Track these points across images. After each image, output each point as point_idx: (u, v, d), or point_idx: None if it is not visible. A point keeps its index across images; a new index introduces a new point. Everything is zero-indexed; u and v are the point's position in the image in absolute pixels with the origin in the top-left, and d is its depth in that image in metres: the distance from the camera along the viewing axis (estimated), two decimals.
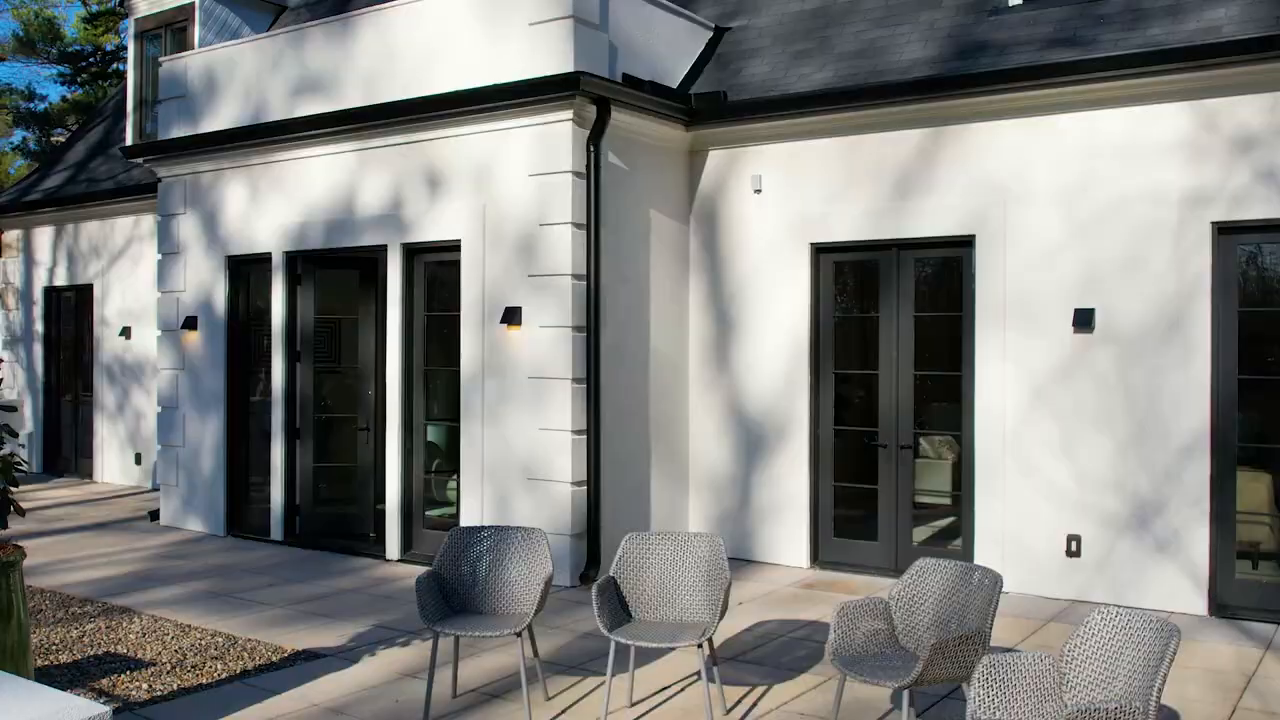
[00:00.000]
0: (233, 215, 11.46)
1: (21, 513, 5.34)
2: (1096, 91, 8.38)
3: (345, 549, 10.55)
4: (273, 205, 11.10)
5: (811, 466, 9.75)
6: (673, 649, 5.59)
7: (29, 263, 16.86)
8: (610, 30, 9.50)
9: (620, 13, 9.68)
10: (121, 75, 31.80)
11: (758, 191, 9.99)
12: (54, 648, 7.27)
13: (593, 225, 9.12)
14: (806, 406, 9.74)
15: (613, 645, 5.76)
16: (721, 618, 5.77)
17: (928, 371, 9.40)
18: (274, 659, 7.08)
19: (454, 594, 6.29)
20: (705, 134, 10.18)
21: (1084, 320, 8.44)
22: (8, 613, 5.03)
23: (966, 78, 8.70)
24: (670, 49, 10.39)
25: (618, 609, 6.00)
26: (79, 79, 42.44)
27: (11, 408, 13.06)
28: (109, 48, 39.15)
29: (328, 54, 10.67)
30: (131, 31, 15.60)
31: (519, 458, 9.33)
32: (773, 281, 9.95)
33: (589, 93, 8.87)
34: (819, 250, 9.78)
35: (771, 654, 7.14)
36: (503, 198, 9.42)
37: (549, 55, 9.10)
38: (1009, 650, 7.12)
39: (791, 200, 9.84)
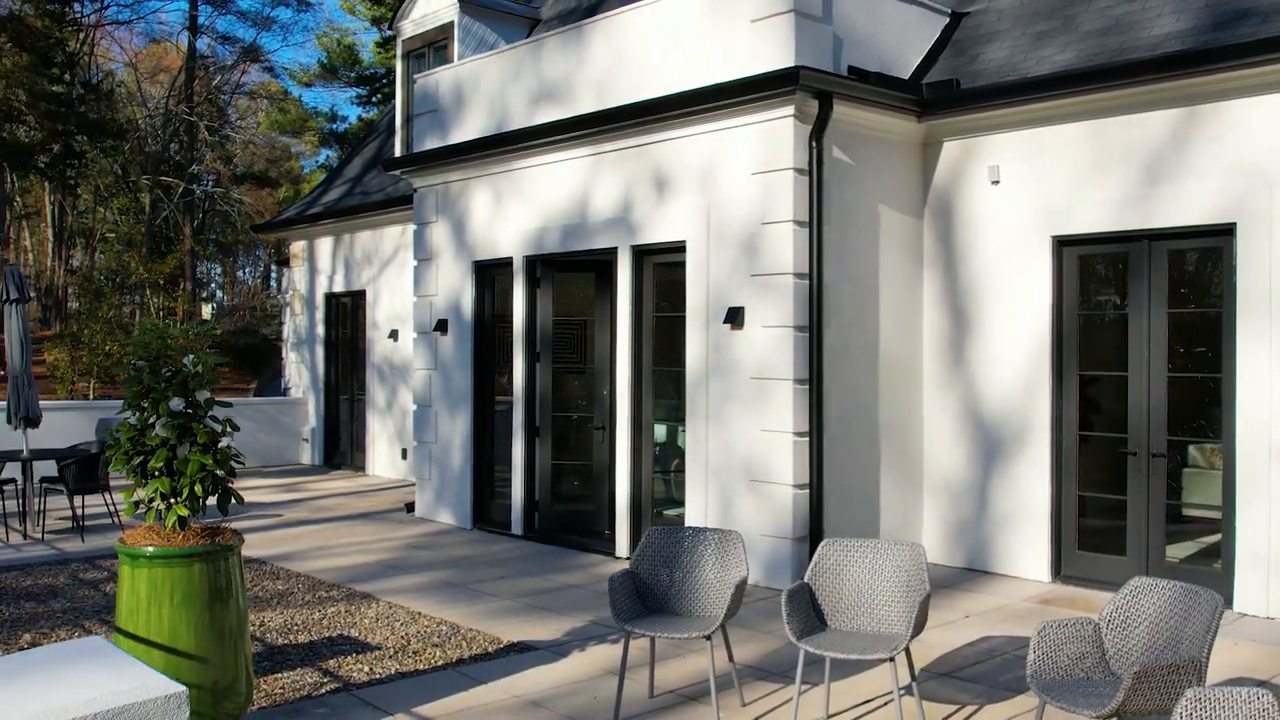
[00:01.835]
0: (478, 222, 11.95)
1: (241, 501, 5.73)
2: None
3: (580, 545, 10.78)
4: (513, 211, 11.50)
5: (1053, 474, 9.15)
6: (875, 660, 5.33)
7: (312, 271, 18.23)
8: (835, 22, 9.26)
9: (846, 4, 9.42)
10: None
11: (995, 183, 9.48)
12: (296, 628, 7.78)
13: (815, 222, 8.90)
14: (1048, 409, 9.14)
15: (801, 654, 5.59)
16: (919, 631, 5.48)
17: (1182, 373, 8.62)
18: (489, 649, 7.30)
19: (649, 594, 6.29)
20: (939, 124, 9.75)
21: None
22: (226, 594, 5.41)
23: (1225, 50, 7.90)
24: (901, 38, 10.02)
25: (810, 617, 5.81)
26: (373, 99, 45.65)
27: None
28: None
29: (563, 62, 10.95)
30: (399, 52, 16.58)
31: (741, 459, 9.24)
32: (1011, 277, 9.41)
33: (809, 87, 8.67)
34: (1061, 243, 9.16)
35: (989, 672, 6.73)
36: (726, 197, 9.37)
37: (771, 51, 8.97)
38: (1250, 684, 6.41)
39: (1031, 191, 9.27)
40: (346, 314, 17.73)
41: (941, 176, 9.89)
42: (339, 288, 17.63)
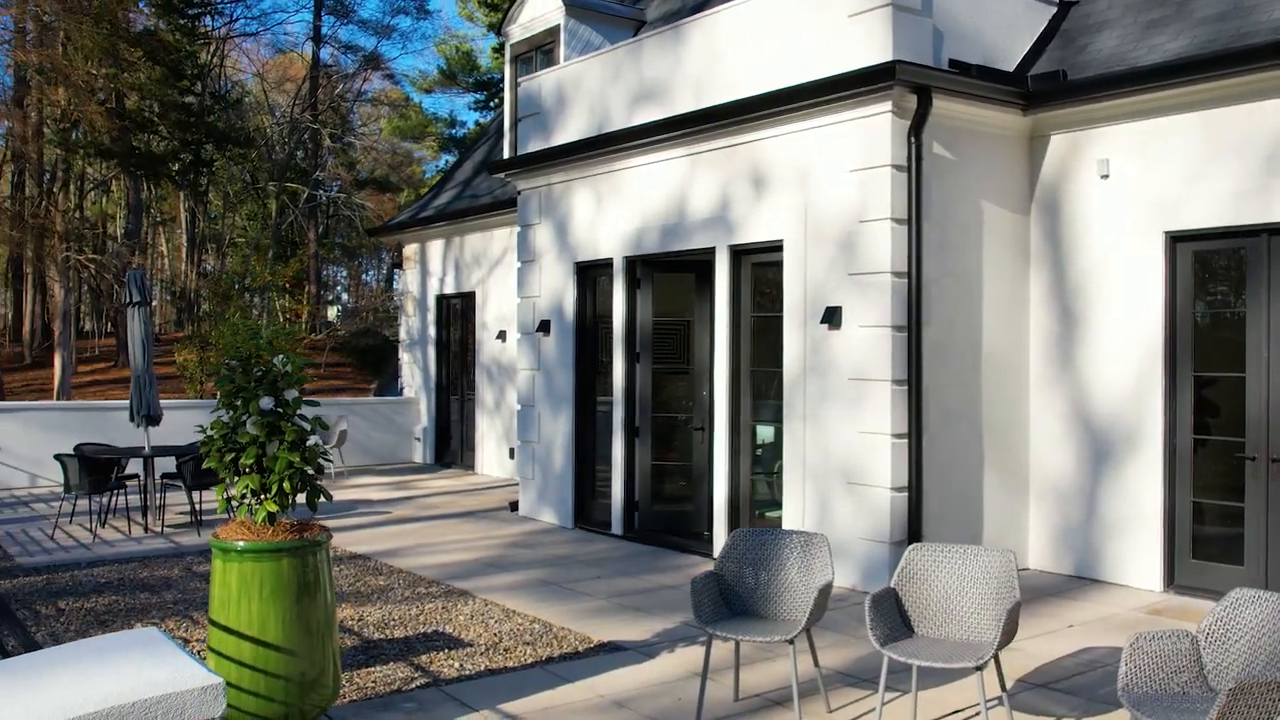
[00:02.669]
0: (579, 223, 12.03)
1: (329, 499, 5.85)
2: None
3: (679, 546, 10.75)
4: (613, 212, 11.54)
5: (1166, 478, 8.79)
6: (961, 669, 5.16)
7: (424, 273, 18.59)
8: (935, 15, 9.06)
9: None
10: None
11: (1105, 176, 9.15)
12: (393, 623, 7.92)
13: (914, 220, 8.72)
14: (1160, 411, 8.79)
15: (885, 661, 5.47)
16: (1008, 640, 5.30)
17: None
18: (579, 648, 7.33)
19: (734, 596, 6.23)
20: (1045, 117, 9.46)
21: None
22: (314, 589, 5.53)
23: None
24: (1006, 30, 9.74)
25: (896, 623, 5.68)
26: (490, 104, 46.37)
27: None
28: None
29: (661, 63, 10.94)
30: (507, 57, 16.80)
31: (839, 460, 9.10)
32: (1122, 273, 9.07)
33: (907, 82, 8.50)
34: (1174, 239, 8.79)
35: (1088, 685, 6.49)
36: (823, 195, 9.24)
37: (869, 46, 8.82)
38: None
39: (1143, 184, 8.92)
40: (457, 315, 18.03)
41: (1048, 171, 9.59)
42: (449, 289, 17.94)
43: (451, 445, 18.07)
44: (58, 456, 11.46)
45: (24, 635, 3.26)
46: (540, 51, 16.07)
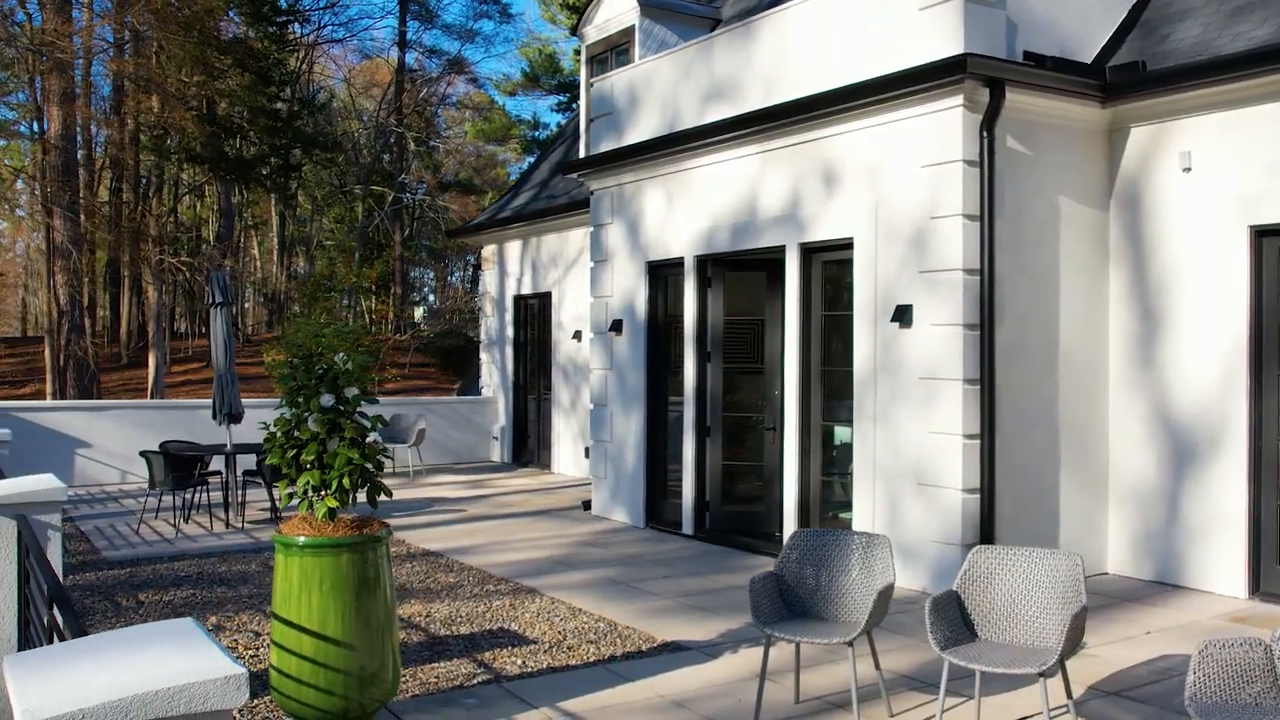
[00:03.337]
0: (650, 223, 12.02)
1: (389, 495, 5.91)
2: None
3: (749, 547, 10.67)
4: (684, 211, 11.51)
5: (1251, 482, 8.48)
6: (1024, 675, 5.02)
7: (501, 274, 18.76)
8: (1010, 7, 8.87)
9: None
10: None
11: (1186, 170, 8.87)
12: (460, 620, 7.99)
13: (987, 216, 8.55)
14: (1245, 412, 8.49)
15: (945, 665, 5.36)
16: (1073, 646, 5.16)
17: None
18: (642, 647, 7.31)
19: (794, 597, 6.16)
20: (1124, 110, 9.20)
21: None
22: (374, 584, 5.59)
23: None
24: (1083, 20, 9.51)
25: (959, 626, 5.57)
26: (572, 106, 46.63)
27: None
28: None
29: (732, 60, 10.89)
30: (583, 57, 16.86)
31: (910, 461, 8.96)
32: (1205, 270, 8.78)
33: (979, 75, 8.33)
34: (1260, 233, 8.48)
35: (1162, 694, 6.28)
36: (893, 192, 9.10)
37: (940, 40, 8.67)
38: None
39: (1227, 178, 8.63)
40: (533, 315, 18.16)
41: (1128, 165, 9.33)
42: (526, 290, 18.07)
43: (528, 444, 18.19)
44: (143, 453, 11.79)
45: (77, 625, 3.33)
46: (616, 52, 16.10)
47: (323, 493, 5.60)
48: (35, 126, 24.97)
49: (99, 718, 2.29)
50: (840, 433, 10.10)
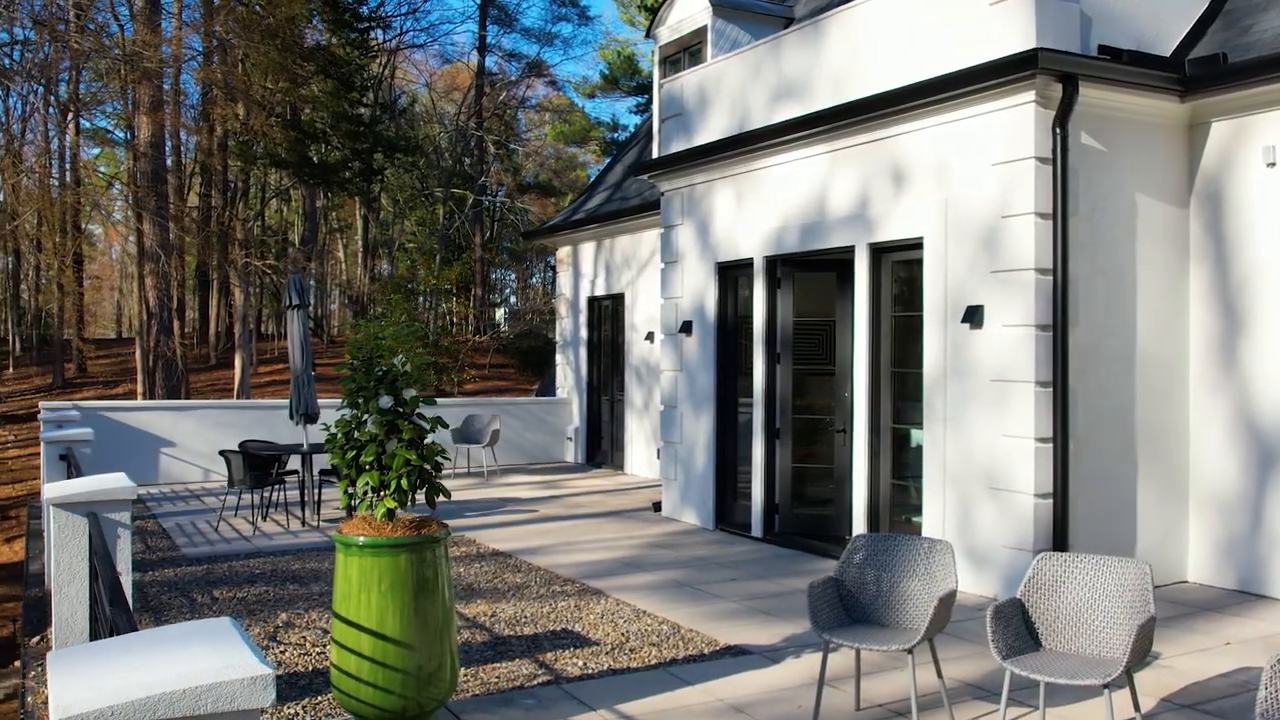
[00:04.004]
0: (720, 223, 11.97)
1: (448, 496, 5.95)
2: None
3: (819, 550, 10.57)
4: (753, 211, 11.44)
5: None
6: (1089, 686, 4.86)
7: (576, 275, 18.84)
8: (1084, 0, 8.66)
9: None
10: None
11: (1271, 165, 8.58)
12: (524, 620, 8.03)
13: (1060, 214, 8.35)
14: None
15: (1007, 675, 5.24)
16: (1139, 658, 5.01)
17: None
18: (704, 650, 7.27)
19: (854, 603, 6.08)
20: (1205, 104, 8.93)
21: None
22: (432, 585, 5.63)
23: None
24: (1161, 12, 9.24)
25: (1022, 635, 5.44)
26: (650, 107, 46.69)
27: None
28: None
29: (800, 59, 10.80)
30: (656, 58, 16.86)
31: (980, 465, 8.79)
32: None
33: (1051, 70, 8.15)
34: None
35: (1238, 708, 6.07)
36: (964, 190, 8.94)
37: (1012, 34, 8.49)
38: None
39: None
40: (607, 316, 18.21)
41: (1209, 161, 9.05)
42: (600, 291, 18.13)
43: (602, 445, 18.25)
44: (222, 452, 12.05)
45: (126, 622, 3.41)
46: (688, 53, 16.07)
47: (381, 493, 5.67)
48: (127, 134, 25.71)
49: (128, 715, 2.33)
50: (910, 435, 9.95)
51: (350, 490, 5.77)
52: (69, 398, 26.52)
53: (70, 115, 27.37)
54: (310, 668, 6.79)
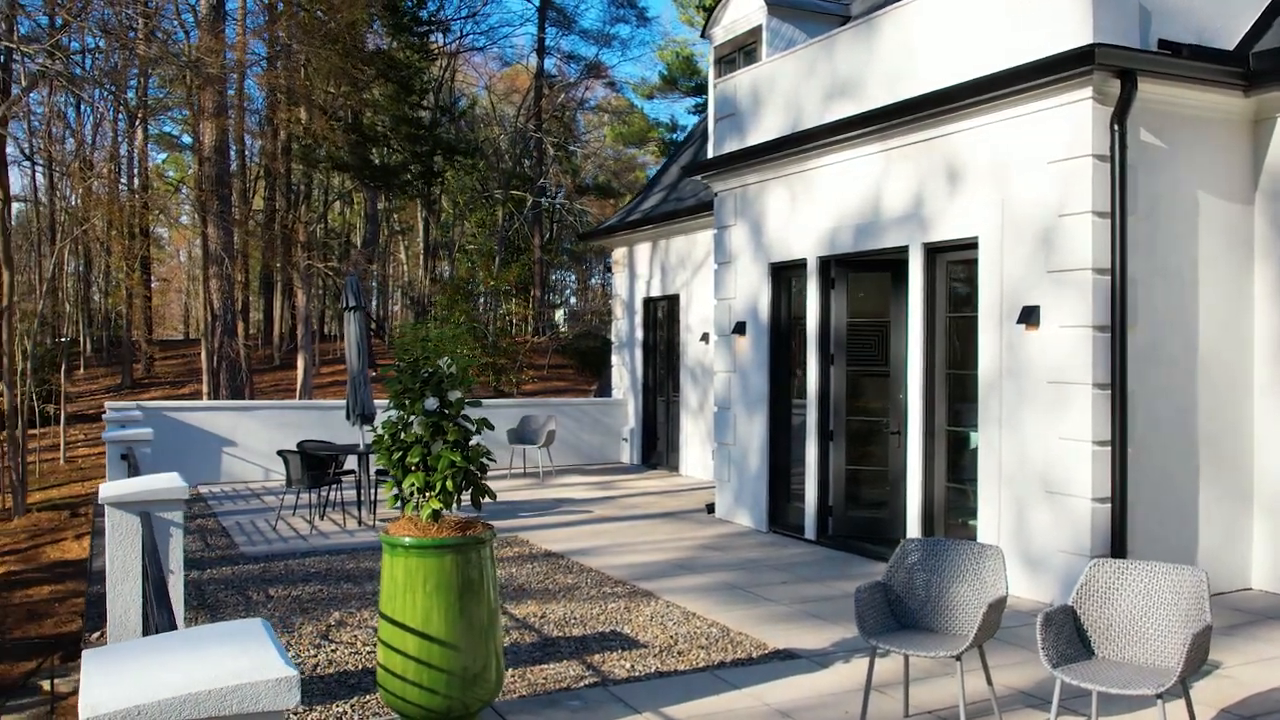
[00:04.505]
0: (773, 223, 11.90)
1: (494, 498, 5.97)
2: None
3: (872, 553, 10.47)
4: (806, 211, 11.36)
5: None
6: (1140, 696, 4.73)
7: (631, 276, 18.85)
8: None
9: None
10: None
11: None
12: (574, 621, 8.04)
13: (1118, 213, 8.18)
14: None
15: (1058, 684, 5.14)
16: (1194, 668, 4.89)
17: None
18: (753, 654, 7.23)
19: (903, 609, 6.00)
20: (1271, 99, 8.70)
21: None
22: (477, 586, 5.65)
23: None
24: (1224, 5, 9.01)
25: (1074, 643, 5.33)
26: (707, 108, 46.63)
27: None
28: None
29: (854, 57, 10.70)
30: (711, 59, 16.80)
31: (1036, 468, 8.64)
32: None
33: (1109, 66, 7.99)
34: None
35: None
36: (1020, 189, 8.80)
37: (1067, 30, 8.34)
38: None
39: None
40: (662, 317, 18.19)
41: (1275, 157, 8.81)
42: (655, 292, 18.11)
43: (657, 446, 18.23)
44: (280, 452, 12.22)
45: (169, 621, 3.46)
46: (743, 52, 15.99)
47: (427, 494, 5.70)
48: (192, 140, 26.21)
49: (154, 714, 2.36)
50: (966, 437, 9.82)
51: (396, 491, 5.81)
52: (136, 398, 27.08)
53: (138, 121, 27.96)
54: (360, 666, 6.85)
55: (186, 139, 35.64)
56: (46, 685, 9.27)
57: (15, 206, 29.70)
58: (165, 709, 2.36)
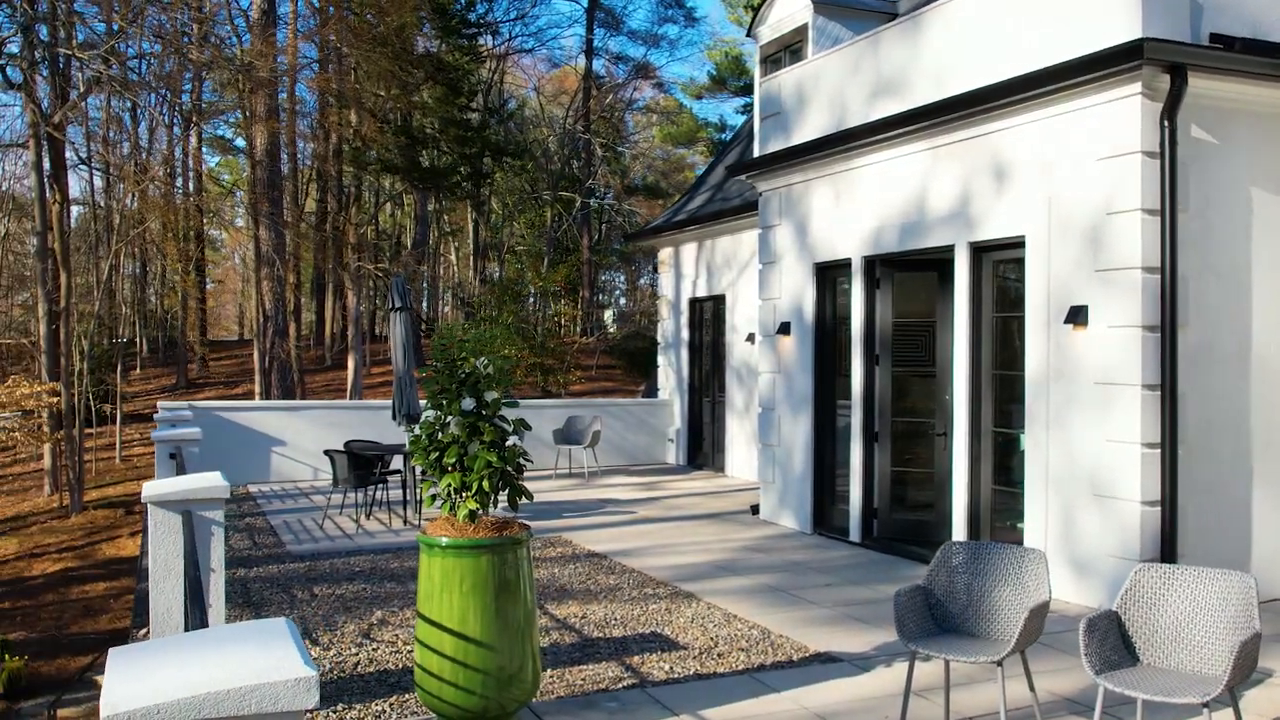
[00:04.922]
0: (818, 223, 11.82)
1: (530, 498, 5.97)
2: None
3: (918, 556, 10.35)
4: (851, 210, 11.26)
5: None
6: (1188, 705, 4.62)
7: (677, 276, 18.81)
8: None
9: None
10: None
11: None
12: (614, 622, 8.02)
13: (1169, 210, 8.03)
14: None
15: (1100, 691, 5.03)
16: (1242, 676, 4.76)
17: None
18: (793, 657, 7.18)
19: (944, 612, 5.92)
20: None
21: None
22: (514, 586, 5.66)
23: None
24: None
25: (1118, 649, 5.23)
26: (754, 108, 46.43)
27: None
28: None
29: (899, 54, 10.59)
30: (757, 58, 16.73)
31: (1084, 470, 8.50)
32: None
33: (1158, 60, 7.83)
34: None
35: None
36: (1068, 187, 8.66)
37: (1117, 24, 8.19)
38: None
39: None
40: (708, 318, 18.14)
41: None
42: (701, 292, 18.07)
43: (703, 447, 18.18)
44: (327, 452, 12.33)
45: (202, 619, 3.50)
46: (789, 51, 15.91)
47: (464, 495, 5.71)
48: (245, 143, 26.56)
49: (172, 713, 2.37)
50: (1013, 439, 9.68)
51: (434, 492, 5.83)
52: (190, 398, 27.48)
53: (192, 125, 28.38)
54: (400, 665, 6.88)
55: (239, 142, 36.16)
56: (100, 680, 9.44)
57: (74, 210, 30.27)
58: (184, 708, 2.38)
